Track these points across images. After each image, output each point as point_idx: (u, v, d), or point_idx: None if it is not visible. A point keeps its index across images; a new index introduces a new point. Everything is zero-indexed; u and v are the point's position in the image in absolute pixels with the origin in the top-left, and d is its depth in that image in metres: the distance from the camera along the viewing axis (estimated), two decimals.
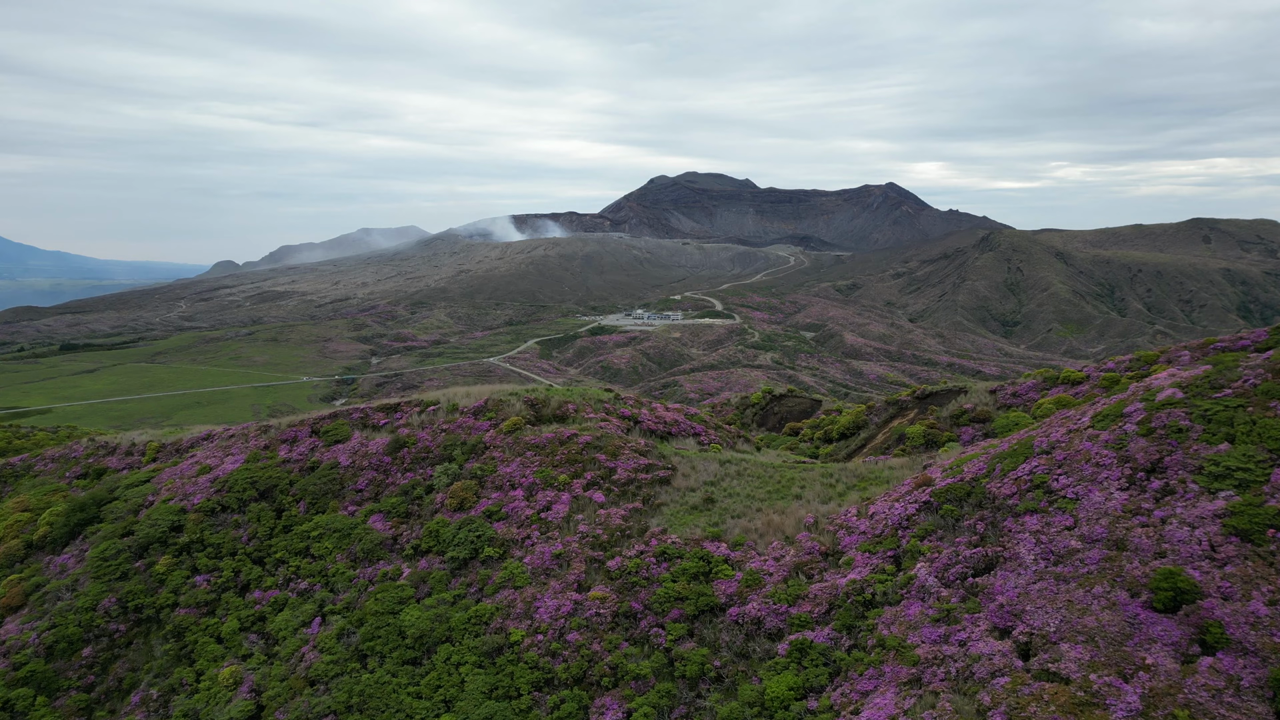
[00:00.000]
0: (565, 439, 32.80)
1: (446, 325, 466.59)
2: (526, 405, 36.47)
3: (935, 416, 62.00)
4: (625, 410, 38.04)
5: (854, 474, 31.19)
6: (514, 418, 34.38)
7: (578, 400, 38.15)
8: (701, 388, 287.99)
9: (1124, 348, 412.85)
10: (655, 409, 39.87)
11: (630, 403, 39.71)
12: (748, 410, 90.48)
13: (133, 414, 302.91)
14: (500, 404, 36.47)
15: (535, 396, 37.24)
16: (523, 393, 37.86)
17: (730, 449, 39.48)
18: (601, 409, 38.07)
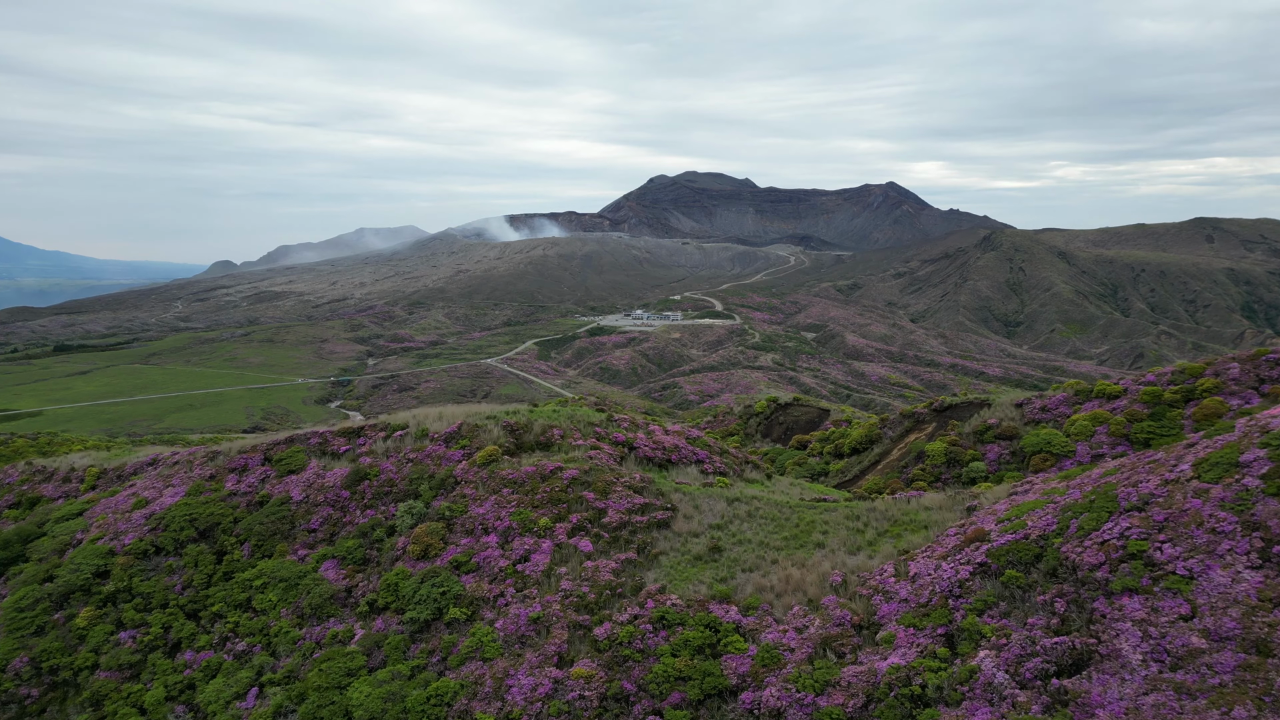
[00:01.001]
0: (548, 473, 28.32)
1: (444, 326, 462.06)
2: (505, 431, 32.00)
3: (957, 432, 57.51)
4: (619, 435, 33.56)
5: (884, 516, 26.71)
6: (490, 447, 29.90)
7: (565, 424, 33.67)
8: (702, 389, 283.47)
9: (1128, 349, 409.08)
10: (653, 432, 35.40)
11: (625, 425, 35.23)
12: (751, 420, 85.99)
13: (124, 416, 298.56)
14: (475, 429, 32.00)
15: (516, 420, 32.77)
16: (502, 415, 33.39)
17: (738, 477, 35.01)
18: (592, 433, 33.60)
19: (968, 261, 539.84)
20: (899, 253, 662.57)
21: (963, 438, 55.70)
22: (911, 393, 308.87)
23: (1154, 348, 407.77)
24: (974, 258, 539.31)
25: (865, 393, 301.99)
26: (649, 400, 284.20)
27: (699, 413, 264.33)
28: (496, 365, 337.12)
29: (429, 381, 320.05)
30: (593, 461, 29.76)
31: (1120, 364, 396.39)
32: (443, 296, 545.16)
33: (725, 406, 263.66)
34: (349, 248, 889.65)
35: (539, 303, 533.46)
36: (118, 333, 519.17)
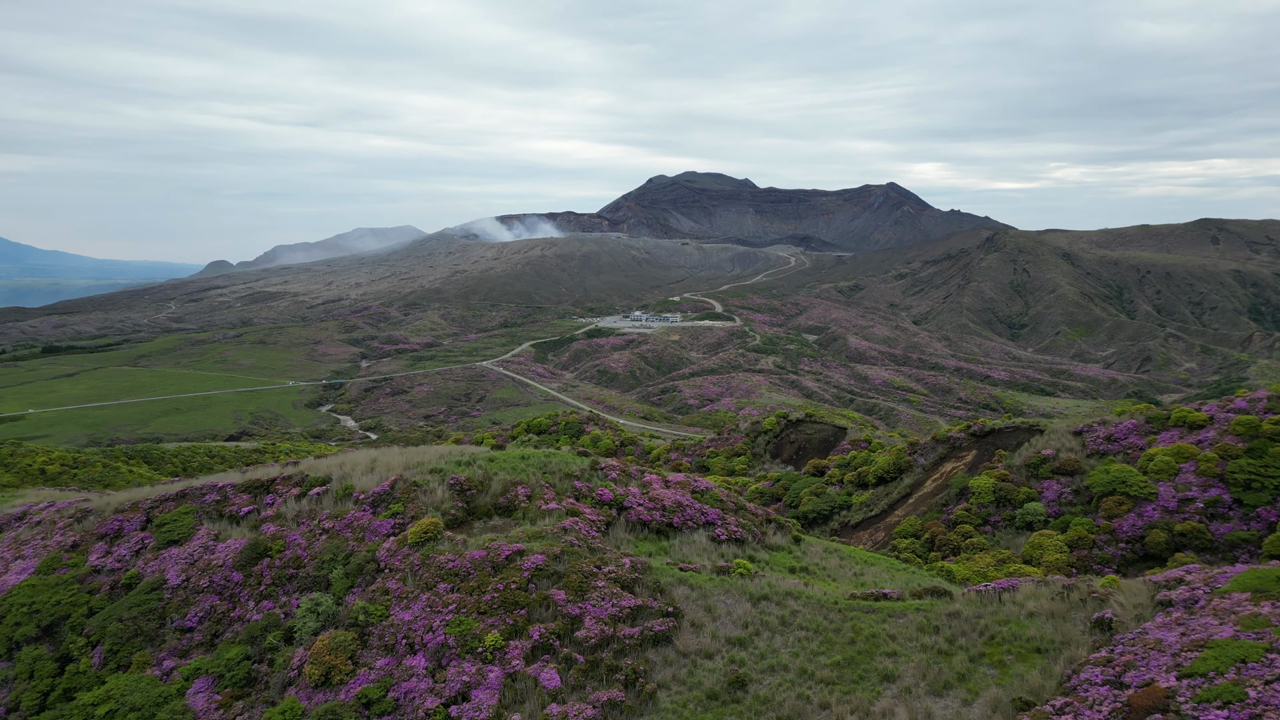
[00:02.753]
0: (502, 561, 20.47)
1: (440, 327, 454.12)
2: (453, 491, 24.22)
3: (1005, 464, 49.67)
4: (604, 491, 25.76)
5: (973, 627, 18.96)
6: (427, 520, 22.05)
7: (534, 477, 25.88)
8: (701, 393, 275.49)
9: (1135, 351, 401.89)
10: (650, 485, 27.58)
11: (614, 475, 27.40)
12: (760, 438, 78.26)
13: (108, 420, 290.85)
14: (413, 489, 24.23)
15: (468, 476, 24.97)
16: (450, 468, 25.60)
17: (759, 544, 27.18)
18: (569, 488, 25.81)
19: (970, 263, 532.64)
20: (900, 254, 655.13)
21: (1013, 471, 47.90)
22: (916, 397, 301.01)
23: (1161, 351, 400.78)
24: (977, 259, 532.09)
25: (869, 397, 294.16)
26: (647, 404, 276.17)
27: (698, 418, 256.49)
28: (492, 368, 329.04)
29: (423, 385, 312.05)
30: (567, 539, 21.92)
31: (1127, 367, 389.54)
32: (439, 297, 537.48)
33: (726, 412, 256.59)
34: (345, 248, 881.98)
35: (536, 304, 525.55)
36: (108, 334, 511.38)
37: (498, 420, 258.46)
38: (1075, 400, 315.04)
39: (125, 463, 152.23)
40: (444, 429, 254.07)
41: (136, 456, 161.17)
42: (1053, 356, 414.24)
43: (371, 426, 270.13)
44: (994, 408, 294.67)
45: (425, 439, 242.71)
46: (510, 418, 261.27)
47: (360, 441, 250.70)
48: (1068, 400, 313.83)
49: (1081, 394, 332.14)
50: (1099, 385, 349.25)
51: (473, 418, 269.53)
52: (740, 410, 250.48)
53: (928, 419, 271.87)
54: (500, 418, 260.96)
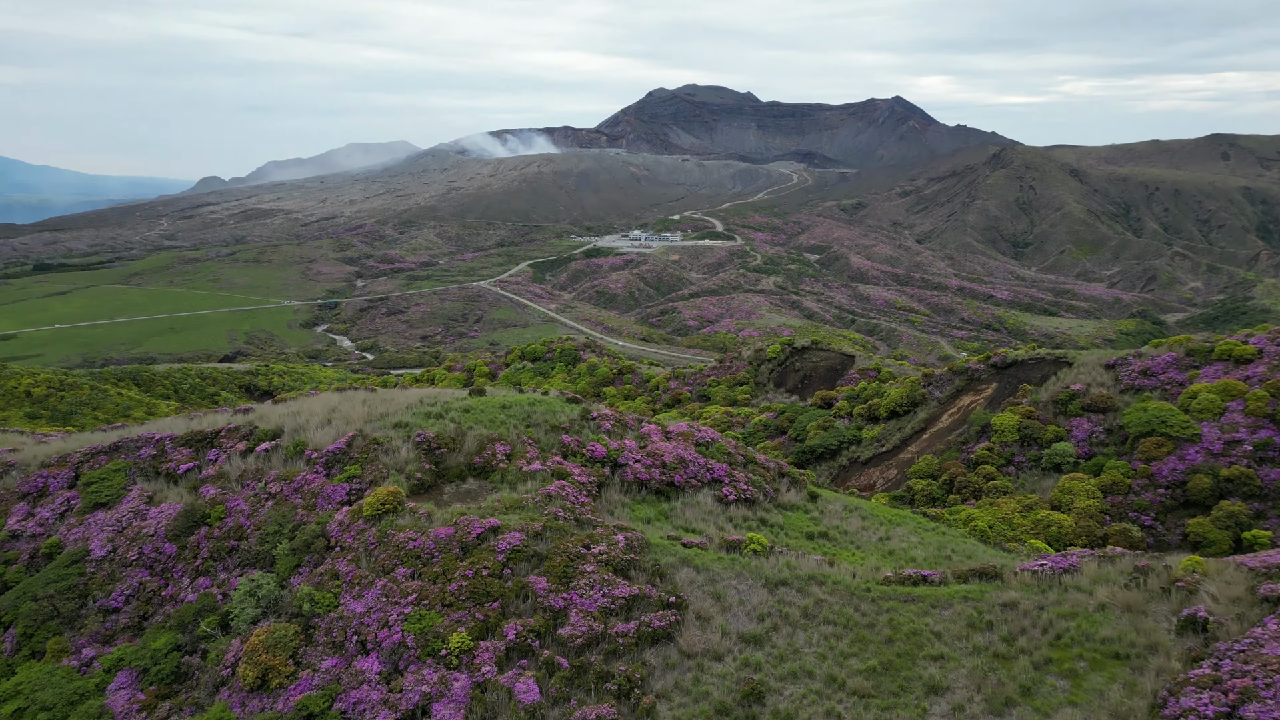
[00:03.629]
0: (472, 541, 17.25)
1: (436, 246, 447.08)
2: (419, 451, 20.92)
3: (1031, 400, 46.39)
4: (596, 445, 22.47)
5: (1033, 621, 15.92)
6: (386, 488, 18.72)
7: (514, 432, 22.55)
8: (701, 314, 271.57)
9: (1140, 271, 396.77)
10: (649, 437, 24.29)
11: (608, 425, 24.09)
12: (763, 366, 74.92)
13: (101, 340, 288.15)
14: (372, 448, 20.90)
15: (438, 432, 21.61)
16: (417, 421, 22.23)
17: (771, 502, 24.02)
18: (556, 443, 22.52)
19: (976, 180, 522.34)
20: (905, 170, 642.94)
21: (1039, 408, 44.58)
22: (918, 317, 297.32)
23: (1167, 270, 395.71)
24: (983, 176, 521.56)
25: (870, 317, 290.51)
26: (646, 326, 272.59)
27: (698, 339, 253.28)
28: (489, 288, 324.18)
29: (419, 305, 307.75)
30: (551, 509, 18.67)
31: (1132, 286, 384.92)
32: (434, 215, 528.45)
33: (726, 334, 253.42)
34: (338, 164, 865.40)
35: (533, 222, 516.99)
36: (100, 251, 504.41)
37: (495, 341, 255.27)
38: (1079, 320, 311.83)
39: (114, 385, 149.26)
40: (441, 350, 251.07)
41: (126, 378, 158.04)
42: (1057, 276, 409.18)
43: (368, 347, 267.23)
44: (996, 328, 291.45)
45: (423, 360, 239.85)
46: (508, 339, 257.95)
47: (357, 362, 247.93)
48: (1071, 320, 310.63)
49: (1085, 314, 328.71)
50: (1103, 305, 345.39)
51: (470, 339, 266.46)
52: (740, 332, 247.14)
53: (929, 339, 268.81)
54: (498, 339, 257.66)
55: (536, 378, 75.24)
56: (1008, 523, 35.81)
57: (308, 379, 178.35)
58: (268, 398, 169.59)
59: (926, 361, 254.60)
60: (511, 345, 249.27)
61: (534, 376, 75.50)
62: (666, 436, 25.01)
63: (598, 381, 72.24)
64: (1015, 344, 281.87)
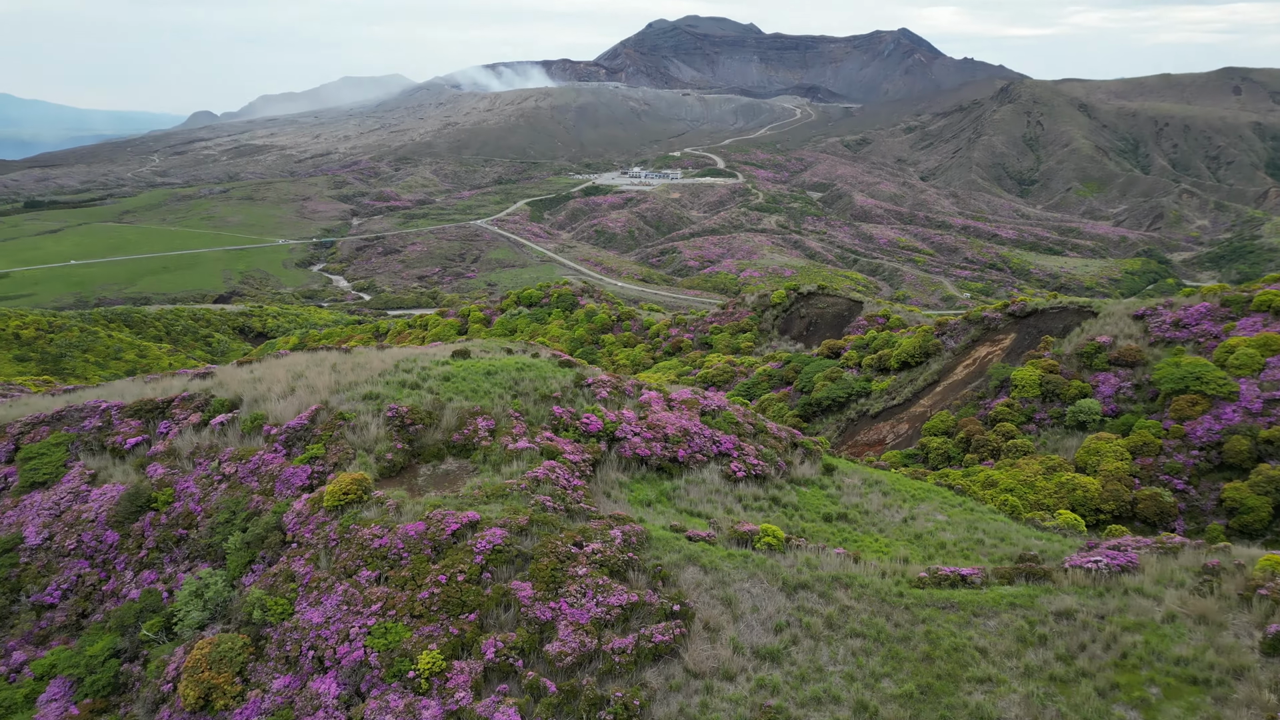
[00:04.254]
0: (447, 540, 15.02)
1: (432, 184, 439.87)
2: (391, 428, 18.62)
3: (1054, 353, 44.00)
4: (591, 418, 20.17)
5: (1093, 635, 13.78)
6: (350, 475, 16.42)
7: (499, 404, 20.22)
8: (702, 254, 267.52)
9: (1147, 208, 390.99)
10: (649, 405, 21.99)
11: (605, 392, 21.78)
12: (767, 312, 72.29)
13: (94, 279, 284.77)
14: (338, 424, 18.60)
15: (412, 405, 19.25)
16: (390, 393, 19.88)
17: (784, 477, 21.82)
18: (546, 416, 20.24)
19: (983, 115, 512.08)
20: (910, 105, 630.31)
21: (1062, 361, 42.17)
22: (921, 257, 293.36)
23: (1174, 208, 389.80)
24: (989, 111, 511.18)
25: (873, 257, 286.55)
26: (646, 266, 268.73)
27: (699, 280, 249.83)
28: (487, 227, 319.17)
29: (415, 244, 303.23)
30: (538, 497, 16.43)
31: (1138, 225, 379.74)
32: (430, 151, 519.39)
33: (727, 274, 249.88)
34: (332, 99, 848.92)
35: (531, 159, 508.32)
36: (91, 188, 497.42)
37: (493, 282, 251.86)
38: (1084, 260, 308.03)
39: (105, 326, 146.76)
40: (438, 291, 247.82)
41: (117, 320, 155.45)
42: (1062, 214, 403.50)
43: (364, 287, 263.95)
44: (1000, 267, 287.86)
45: (420, 301, 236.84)
46: (506, 280, 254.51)
47: (353, 303, 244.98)
48: (1076, 260, 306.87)
49: (1090, 253, 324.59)
50: (1109, 244, 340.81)
51: (467, 279, 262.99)
52: (741, 273, 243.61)
53: (932, 279, 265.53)
54: (495, 280, 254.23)
55: (533, 324, 72.75)
56: (1030, 485, 33.79)
57: (302, 321, 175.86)
58: (262, 339, 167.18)
59: (929, 302, 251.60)
60: (509, 286, 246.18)
61: (530, 323, 73.01)
62: (669, 405, 22.70)
63: (596, 329, 69.79)
64: (1019, 284, 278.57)
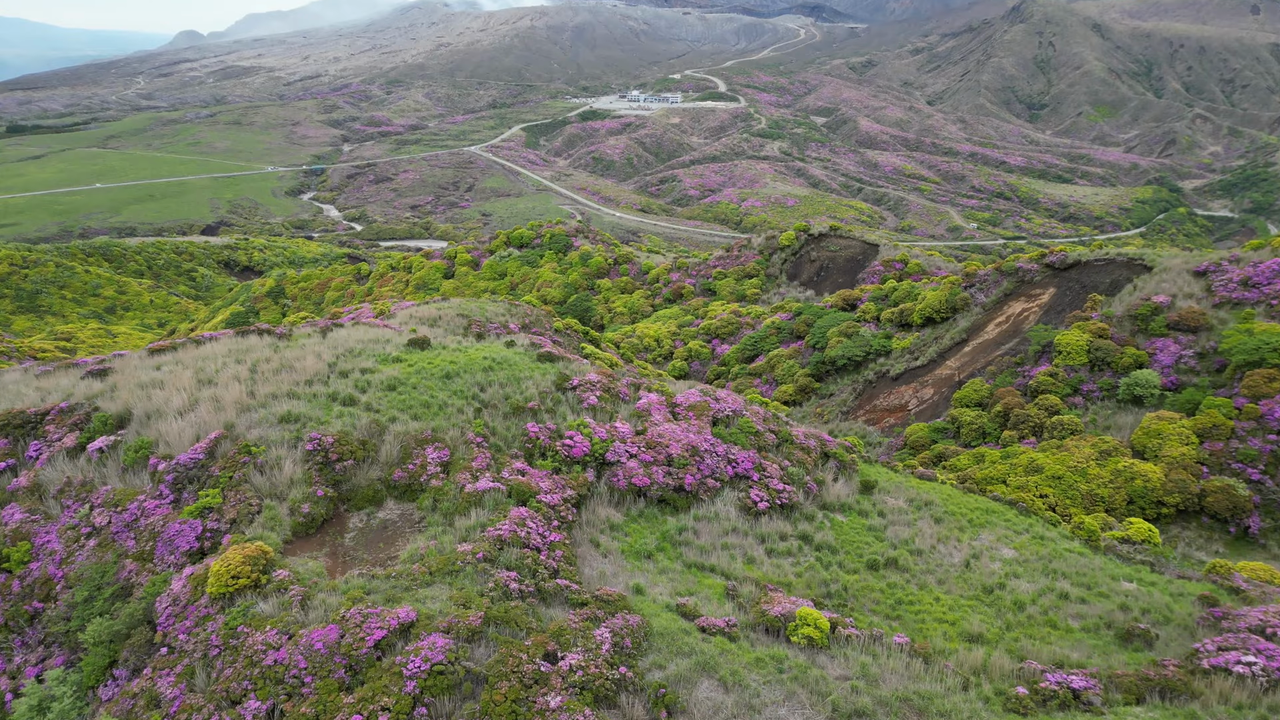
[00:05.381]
0: (366, 654, 10.77)
1: (424, 108, 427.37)
2: (311, 466, 14.24)
3: (1102, 313, 39.46)
4: (576, 438, 15.79)
5: None
6: (240, 554, 12.02)
7: (457, 422, 15.84)
8: (702, 183, 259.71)
9: (1159, 134, 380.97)
10: (649, 416, 17.64)
11: (594, 397, 17.39)
12: (775, 255, 67.32)
13: (79, 208, 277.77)
14: (243, 459, 14.17)
15: (341, 433, 14.84)
16: (316, 415, 15.50)
17: (813, 503, 17.58)
18: (518, 437, 15.92)
19: (993, 35, 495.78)
20: (918, 25, 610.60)
21: (1112, 324, 37.56)
22: (927, 185, 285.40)
23: (1187, 133, 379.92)
24: (1000, 31, 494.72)
25: (878, 185, 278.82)
26: (645, 195, 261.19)
27: (699, 210, 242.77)
28: (481, 154, 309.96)
29: (408, 171, 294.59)
30: (497, 576, 12.14)
31: (1150, 151, 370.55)
32: (423, 74, 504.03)
33: (728, 204, 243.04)
34: (320, 15, 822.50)
35: (526, 81, 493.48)
36: (75, 112, 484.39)
37: (487, 212, 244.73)
38: (1094, 188, 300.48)
39: (82, 261, 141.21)
40: (431, 221, 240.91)
41: (96, 254, 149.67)
42: (1072, 140, 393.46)
43: (356, 217, 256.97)
44: (1008, 196, 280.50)
45: (412, 231, 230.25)
46: (500, 209, 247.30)
47: (344, 233, 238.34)
48: (1086, 188, 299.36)
49: (1100, 181, 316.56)
50: (1119, 171, 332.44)
51: (461, 209, 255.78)
52: (743, 202, 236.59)
53: (938, 209, 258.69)
54: (490, 209, 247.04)
55: (524, 267, 67.87)
56: (1080, 473, 29.74)
57: (290, 254, 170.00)
58: (249, 273, 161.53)
59: (935, 233, 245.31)
60: (504, 217, 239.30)
61: (521, 266, 68.12)
62: (673, 412, 18.31)
63: (591, 273, 64.95)
64: (1027, 214, 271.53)
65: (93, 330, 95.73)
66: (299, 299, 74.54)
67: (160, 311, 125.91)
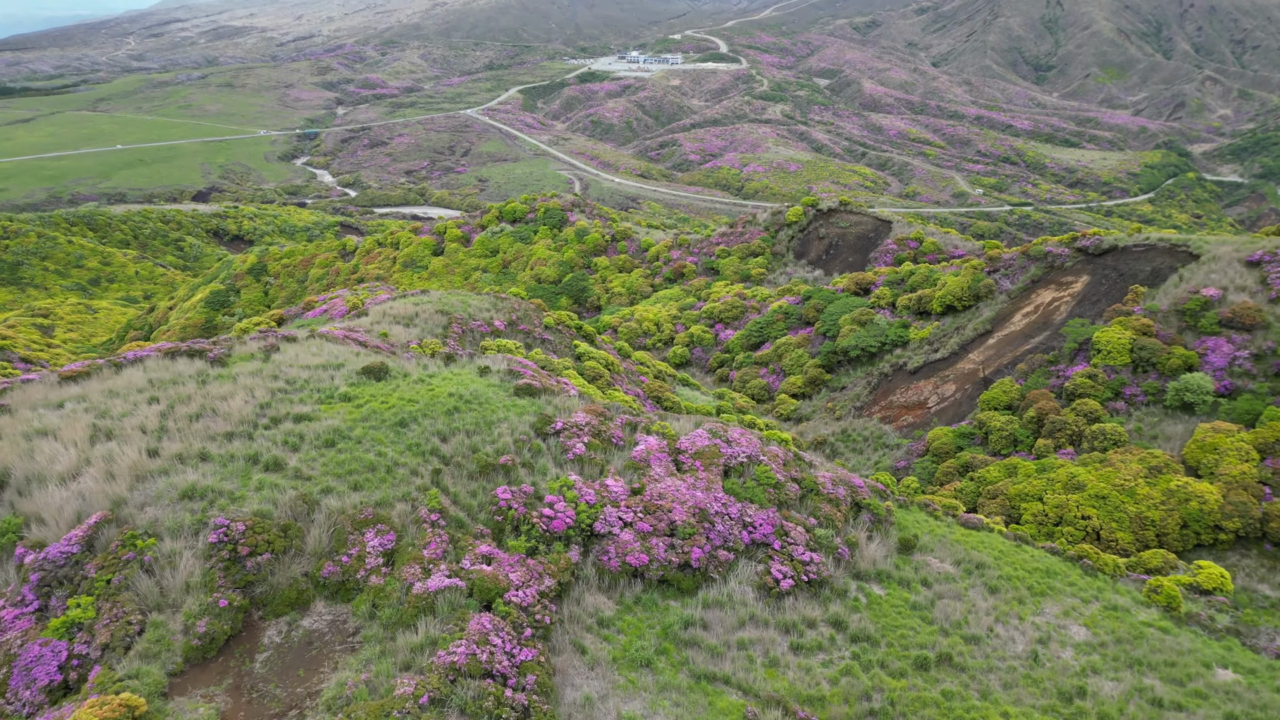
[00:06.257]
0: None
1: (420, 69, 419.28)
2: (217, 564, 11.14)
3: (1145, 308, 36.20)
4: (557, 506, 12.72)
5: None
6: (99, 713, 8.95)
7: (407, 491, 12.72)
8: (703, 147, 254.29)
9: (1168, 96, 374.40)
10: (646, 464, 14.60)
11: (581, 445, 14.30)
12: (781, 232, 63.71)
13: (68, 173, 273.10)
14: (124, 560, 11.05)
15: (259, 515, 11.70)
16: (230, 486, 12.34)
17: (848, 570, 14.60)
18: (485, 507, 12.83)
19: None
20: None
21: (1157, 319, 34.35)
22: (932, 150, 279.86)
23: (1196, 96, 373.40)
24: None
25: (882, 150, 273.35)
26: (645, 160, 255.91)
27: (699, 175, 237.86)
28: (477, 117, 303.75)
29: (403, 135, 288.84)
30: None
31: (1158, 114, 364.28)
32: (418, 34, 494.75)
33: (729, 169, 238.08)
34: None
35: (524, 42, 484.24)
36: (65, 74, 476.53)
37: (484, 178, 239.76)
38: (1102, 152, 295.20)
39: (65, 232, 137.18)
40: (426, 187, 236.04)
41: (80, 223, 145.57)
42: (1080, 103, 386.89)
43: (350, 182, 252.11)
44: (1014, 161, 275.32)
45: (407, 198, 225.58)
46: (497, 175, 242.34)
47: (338, 199, 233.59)
48: (1094, 152, 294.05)
49: (1109, 145, 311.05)
50: (1127, 135, 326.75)
51: (457, 174, 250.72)
52: (745, 167, 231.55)
53: (943, 174, 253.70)
54: (487, 175, 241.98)
55: (516, 244, 64.34)
56: (1128, 492, 26.76)
57: (280, 223, 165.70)
58: (239, 243, 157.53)
59: (940, 199, 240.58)
60: (500, 182, 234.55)
61: (513, 242, 64.59)
62: (676, 462, 15.20)
63: (587, 250, 61.46)
64: (1034, 179, 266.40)
65: (72, 305, 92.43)
66: (281, 276, 71.16)
67: (146, 283, 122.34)
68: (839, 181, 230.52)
